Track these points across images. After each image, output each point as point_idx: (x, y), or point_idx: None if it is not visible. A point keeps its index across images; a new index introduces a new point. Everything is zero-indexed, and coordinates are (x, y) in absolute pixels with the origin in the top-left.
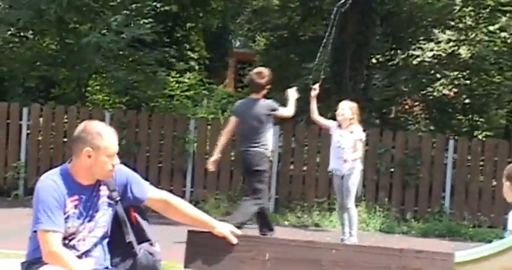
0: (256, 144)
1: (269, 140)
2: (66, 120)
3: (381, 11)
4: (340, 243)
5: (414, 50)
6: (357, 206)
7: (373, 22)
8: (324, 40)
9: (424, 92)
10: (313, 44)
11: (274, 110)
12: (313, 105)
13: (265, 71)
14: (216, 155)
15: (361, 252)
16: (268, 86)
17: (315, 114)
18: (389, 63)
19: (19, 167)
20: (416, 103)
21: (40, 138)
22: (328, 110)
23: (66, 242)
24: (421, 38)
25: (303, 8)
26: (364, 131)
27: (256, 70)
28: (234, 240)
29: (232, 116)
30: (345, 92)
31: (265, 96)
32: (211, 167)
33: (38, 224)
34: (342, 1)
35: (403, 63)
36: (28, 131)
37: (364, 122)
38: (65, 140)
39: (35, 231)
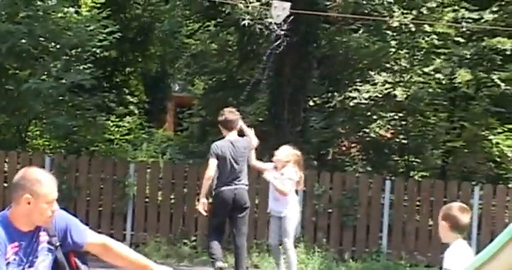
0: (244, 182)
1: None
2: (6, 166)
3: (317, 54)
4: None
5: (351, 92)
6: (295, 247)
7: (309, 65)
8: (260, 84)
9: (361, 133)
10: (251, 88)
11: (251, 144)
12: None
13: (233, 108)
14: (205, 199)
15: None
16: None
17: (253, 161)
18: (327, 106)
19: None
20: (353, 144)
21: None
22: (267, 151)
23: None
24: (358, 80)
25: (241, 52)
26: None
27: (226, 109)
28: None
29: (213, 158)
30: (282, 134)
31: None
32: (202, 211)
33: None
34: (275, 44)
35: (340, 105)
36: None
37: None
38: (5, 185)
39: None
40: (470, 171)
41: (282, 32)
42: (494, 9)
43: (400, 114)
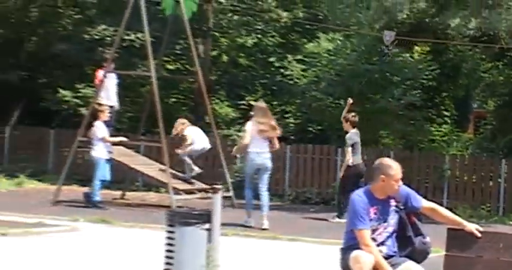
0: None
1: None
2: (365, 157)
3: None
4: None
5: None
6: None
7: None
8: None
9: None
10: None
11: None
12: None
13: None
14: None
15: None
16: None
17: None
18: None
19: (335, 186)
20: None
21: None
22: None
23: (370, 236)
24: None
25: None
26: None
27: (352, 114)
28: (478, 235)
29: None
30: None
31: None
32: None
33: (355, 225)
34: (383, 58)
35: None
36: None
37: None
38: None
39: (351, 230)
40: None
41: (389, 52)
42: None
43: None
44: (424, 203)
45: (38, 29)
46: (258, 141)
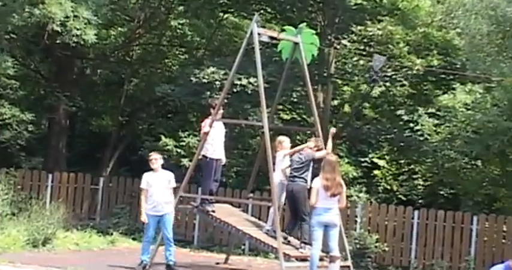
0: None
1: None
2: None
3: None
4: None
5: None
6: None
7: None
8: None
9: None
10: None
11: None
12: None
13: None
14: None
15: None
16: None
17: None
18: None
19: (469, 260)
20: None
21: (485, 239)
22: None
23: None
24: None
25: None
26: None
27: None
28: None
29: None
30: None
31: None
32: None
33: None
34: (371, 84)
35: None
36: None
37: None
38: (503, 241)
39: None
40: None
41: (377, 78)
42: None
43: None
44: None
45: (140, 69)
46: (325, 197)
